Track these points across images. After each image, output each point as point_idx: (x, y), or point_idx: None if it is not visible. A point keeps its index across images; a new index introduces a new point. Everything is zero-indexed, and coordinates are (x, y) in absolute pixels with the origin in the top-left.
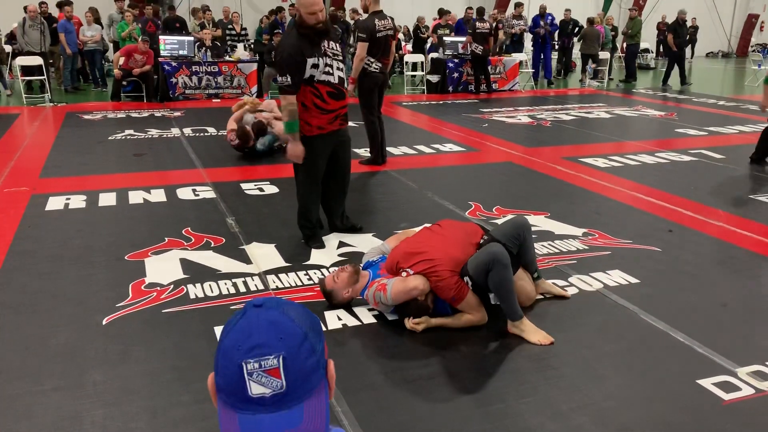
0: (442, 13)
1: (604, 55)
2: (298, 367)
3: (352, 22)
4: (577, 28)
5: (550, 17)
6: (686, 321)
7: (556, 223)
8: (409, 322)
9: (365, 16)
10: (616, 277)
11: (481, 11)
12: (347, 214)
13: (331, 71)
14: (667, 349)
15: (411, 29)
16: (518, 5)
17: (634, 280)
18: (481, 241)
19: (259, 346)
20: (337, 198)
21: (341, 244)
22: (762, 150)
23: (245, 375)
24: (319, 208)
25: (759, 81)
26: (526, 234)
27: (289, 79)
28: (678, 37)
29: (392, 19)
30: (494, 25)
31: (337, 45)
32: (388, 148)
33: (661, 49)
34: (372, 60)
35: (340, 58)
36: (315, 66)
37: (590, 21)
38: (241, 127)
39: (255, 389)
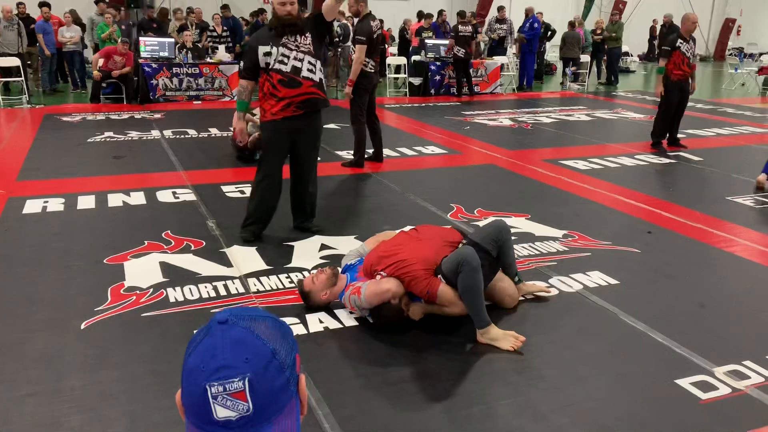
0: (421, 16)
1: (584, 58)
2: (265, 387)
3: (336, 24)
4: (549, 32)
5: (531, 21)
6: (665, 321)
7: (537, 225)
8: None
9: (350, 19)
10: (596, 278)
11: (462, 14)
12: (309, 221)
13: (285, 61)
14: (646, 350)
15: (397, 32)
16: (500, 9)
17: (613, 281)
18: (460, 244)
19: (224, 367)
20: (297, 191)
21: (323, 247)
22: (659, 134)
23: (209, 398)
24: (274, 201)
25: (736, 84)
26: (505, 237)
27: (241, 64)
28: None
29: (381, 21)
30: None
31: (307, 39)
32: (369, 150)
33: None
34: (368, 60)
35: (305, 49)
36: (267, 54)
37: (570, 24)
38: (256, 137)
39: (220, 413)
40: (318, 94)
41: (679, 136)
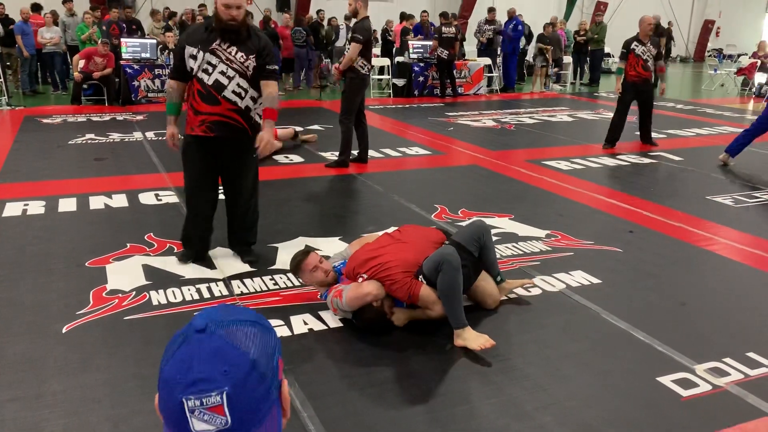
0: (404, 17)
1: (566, 59)
2: (244, 400)
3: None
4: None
5: (514, 22)
6: (646, 320)
7: (520, 225)
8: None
9: (335, 20)
10: (579, 277)
11: (445, 15)
12: (246, 252)
13: (209, 71)
14: (628, 348)
15: (379, 33)
16: (491, 10)
17: (595, 281)
18: (443, 244)
19: (201, 380)
20: (228, 214)
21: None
22: (613, 133)
23: (186, 412)
24: (200, 219)
25: (715, 85)
26: (485, 237)
27: (172, 64)
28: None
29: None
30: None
31: (247, 61)
32: (354, 152)
33: None
34: (365, 62)
35: (237, 68)
36: (192, 57)
37: (551, 25)
38: None
39: (198, 426)
40: (237, 121)
41: (653, 135)
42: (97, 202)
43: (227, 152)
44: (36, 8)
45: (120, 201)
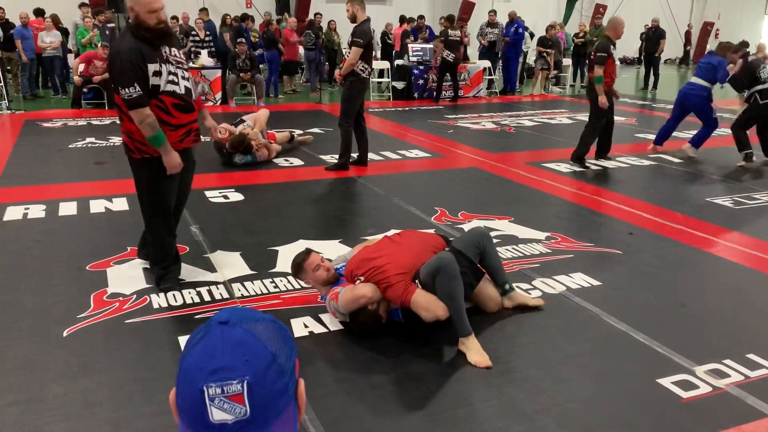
0: (404, 20)
1: (566, 61)
2: (264, 391)
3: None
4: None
5: (515, 25)
6: (646, 322)
7: (520, 227)
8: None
9: (335, 22)
10: (579, 279)
11: (452, 19)
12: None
13: (176, 80)
14: (629, 350)
15: (378, 36)
16: (491, 13)
17: (596, 283)
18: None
19: (223, 368)
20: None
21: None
22: (602, 146)
23: (206, 400)
24: (174, 240)
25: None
26: (485, 242)
27: (138, 88)
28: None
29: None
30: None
31: (180, 52)
32: (354, 154)
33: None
34: (366, 66)
35: (185, 66)
36: (157, 74)
37: (550, 27)
38: (240, 138)
39: (217, 415)
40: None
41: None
42: (97, 206)
43: (193, 157)
44: (39, 12)
45: (120, 204)
